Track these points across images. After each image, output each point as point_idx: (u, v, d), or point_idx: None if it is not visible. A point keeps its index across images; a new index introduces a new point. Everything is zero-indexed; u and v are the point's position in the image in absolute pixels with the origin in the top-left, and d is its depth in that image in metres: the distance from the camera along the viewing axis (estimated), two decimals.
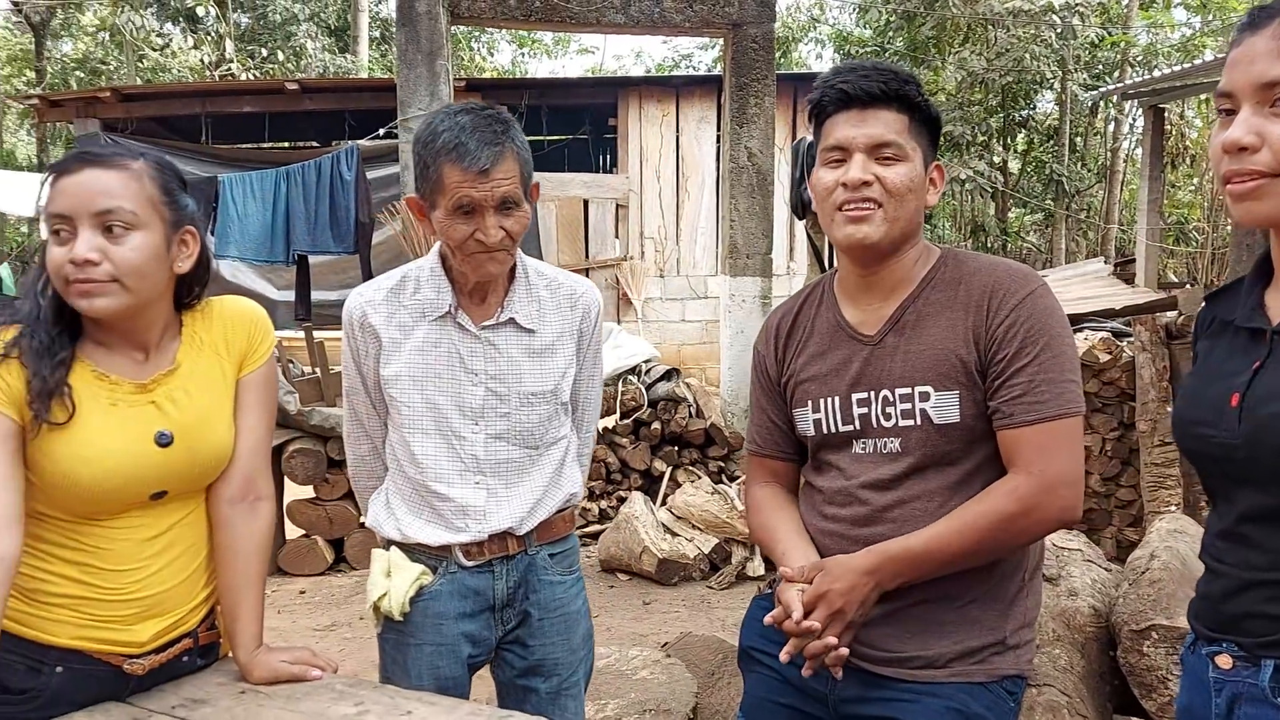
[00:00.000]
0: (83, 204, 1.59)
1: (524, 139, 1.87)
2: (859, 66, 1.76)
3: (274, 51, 19.20)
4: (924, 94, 1.77)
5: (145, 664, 1.73)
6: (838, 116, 1.74)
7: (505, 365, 1.95)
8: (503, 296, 1.96)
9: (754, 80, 6.08)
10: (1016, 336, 1.67)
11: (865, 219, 1.71)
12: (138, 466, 1.65)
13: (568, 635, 2.05)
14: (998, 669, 1.71)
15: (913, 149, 1.74)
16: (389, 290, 1.98)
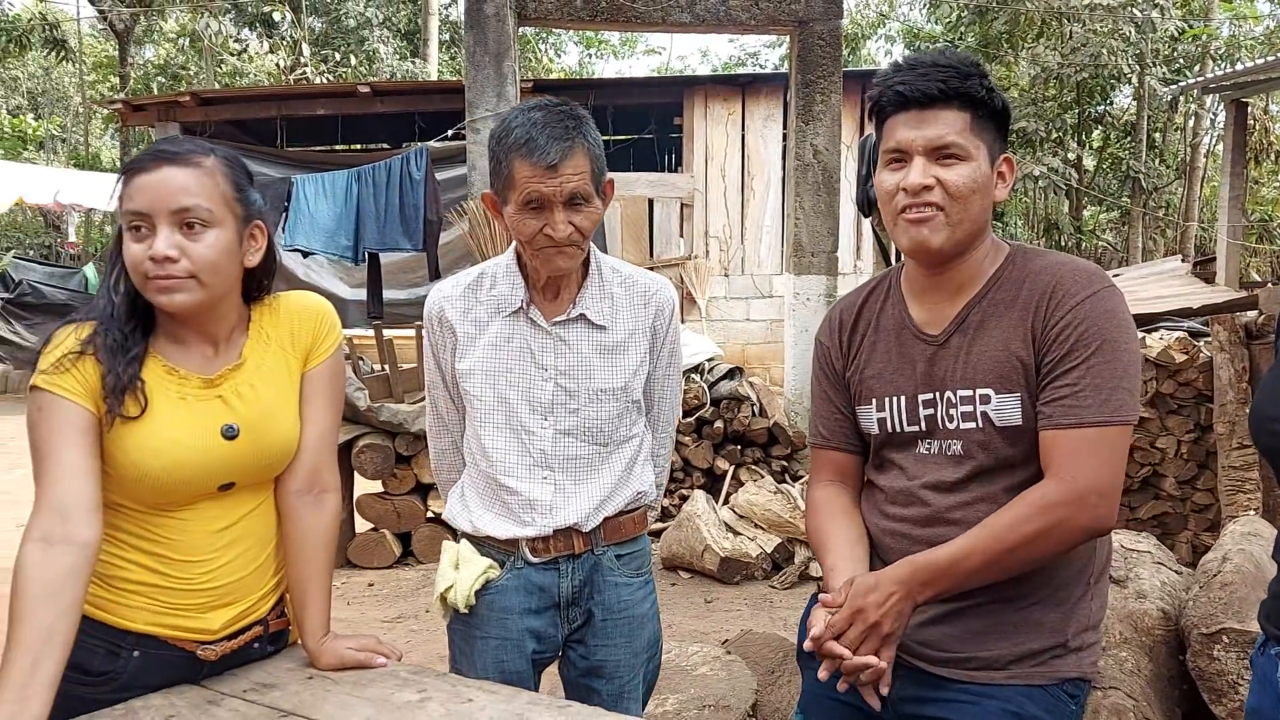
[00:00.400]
0: (161, 202, 1.62)
1: (597, 135, 1.87)
2: (918, 63, 1.71)
3: (346, 55, 19.55)
4: (989, 86, 1.70)
5: (217, 650, 1.78)
6: (897, 117, 1.70)
7: (575, 361, 1.96)
8: (575, 293, 1.98)
9: (820, 77, 6.04)
10: (1070, 337, 1.63)
11: (926, 223, 1.67)
12: (205, 458, 1.70)
13: (631, 638, 2.05)
14: (1058, 671, 1.69)
15: (975, 147, 1.68)
16: (466, 286, 2.01)
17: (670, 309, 2.07)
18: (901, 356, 1.81)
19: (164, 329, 1.75)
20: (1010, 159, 1.75)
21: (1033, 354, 1.67)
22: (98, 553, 1.63)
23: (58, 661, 1.54)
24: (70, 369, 1.63)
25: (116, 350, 1.65)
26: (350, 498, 5.66)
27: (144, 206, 1.62)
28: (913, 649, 1.74)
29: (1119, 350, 1.62)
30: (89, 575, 1.62)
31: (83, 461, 1.63)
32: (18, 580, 1.57)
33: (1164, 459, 5.06)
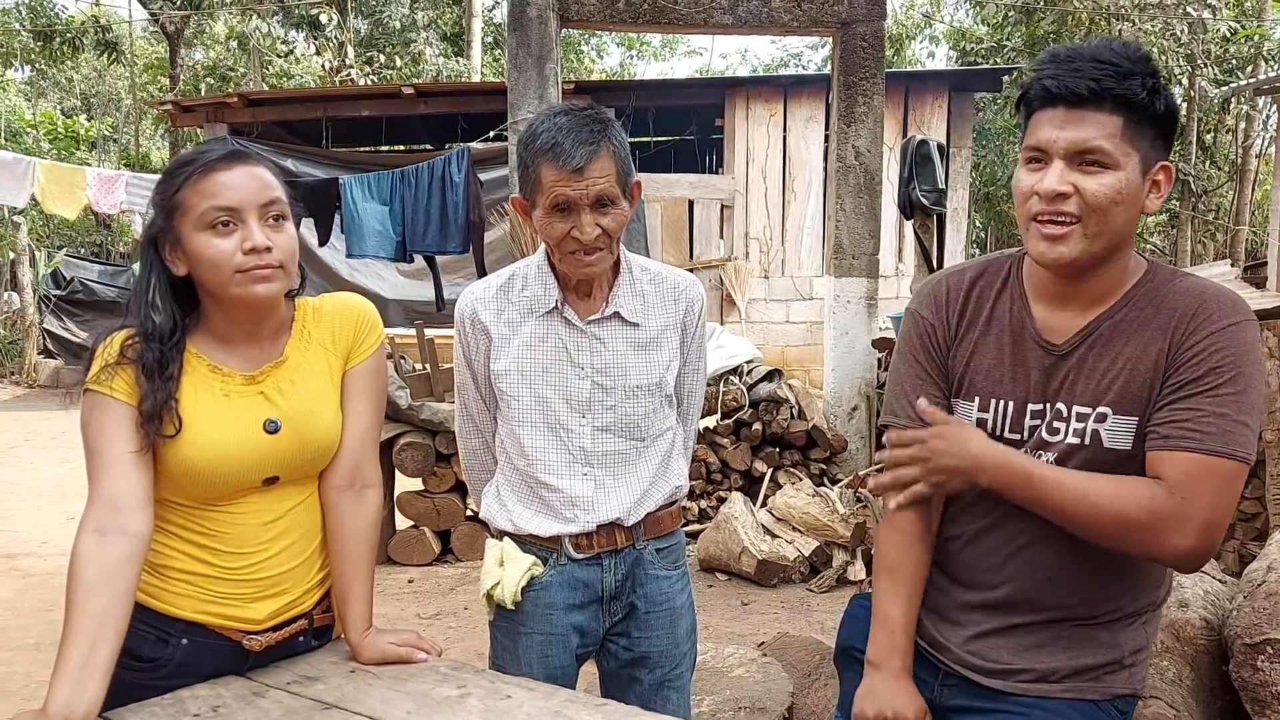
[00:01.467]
0: (252, 196, 1.67)
1: (623, 138, 1.91)
2: (1074, 56, 1.54)
3: (392, 57, 19.74)
4: (1154, 86, 1.53)
5: (263, 640, 1.82)
6: (1042, 114, 1.56)
7: (611, 358, 1.99)
8: (608, 291, 2.01)
9: (863, 79, 6.02)
10: (1206, 362, 1.53)
11: (1062, 238, 1.55)
12: (248, 452, 1.75)
13: (672, 628, 2.10)
14: (1111, 687, 1.67)
15: (1125, 155, 1.53)
16: (498, 288, 2.05)
17: (699, 305, 2.10)
18: (1016, 359, 1.70)
19: (209, 327, 1.78)
20: (1169, 167, 1.58)
21: (1161, 375, 1.57)
22: (149, 543, 1.69)
23: (113, 647, 1.59)
24: (117, 372, 1.68)
25: (154, 372, 1.69)
26: (391, 495, 5.73)
27: (234, 202, 1.66)
28: (966, 660, 1.74)
29: (1251, 386, 1.53)
30: (141, 564, 1.67)
31: (133, 458, 1.68)
32: (74, 569, 1.62)
33: None
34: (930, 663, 1.80)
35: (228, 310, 1.76)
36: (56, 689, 1.52)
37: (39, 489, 7.98)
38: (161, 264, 1.73)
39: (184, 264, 1.72)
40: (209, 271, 1.69)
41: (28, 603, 5.21)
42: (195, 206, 1.67)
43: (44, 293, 14.75)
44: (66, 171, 8.31)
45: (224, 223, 1.66)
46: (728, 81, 14.19)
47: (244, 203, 1.67)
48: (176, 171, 1.71)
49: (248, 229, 1.67)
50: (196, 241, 1.67)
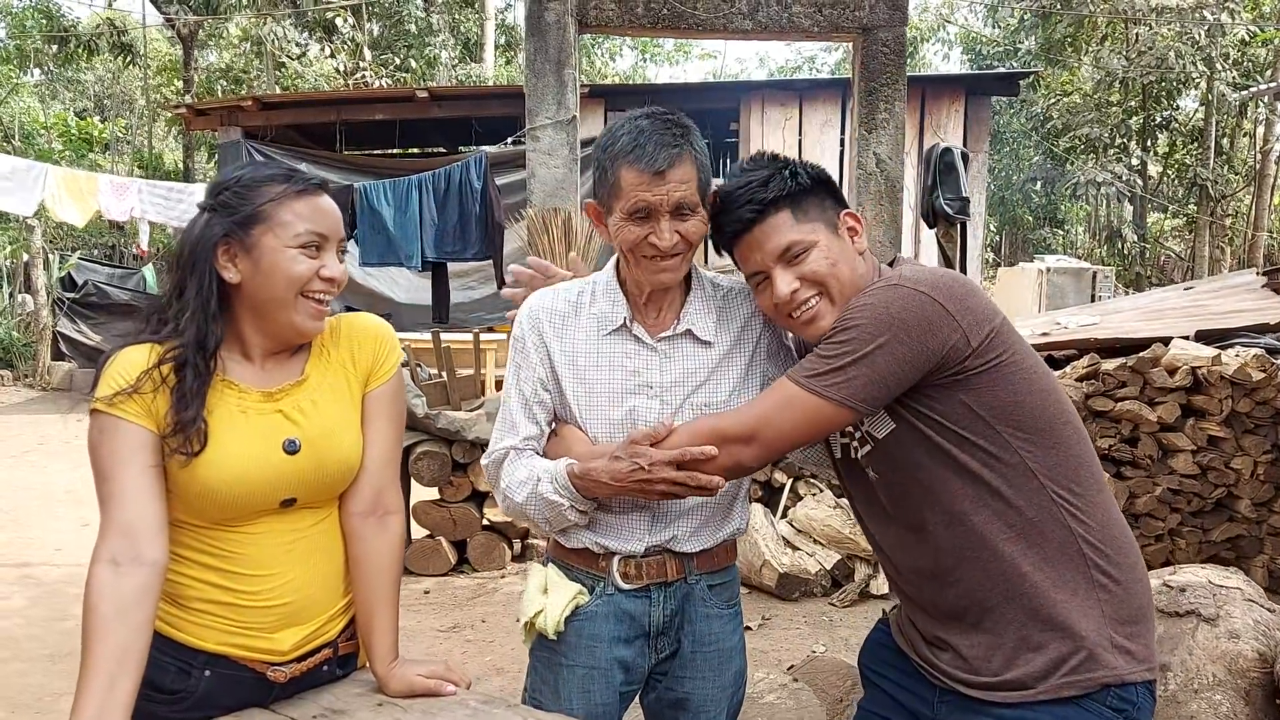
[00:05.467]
0: (335, 228, 1.76)
1: (703, 145, 1.83)
2: (730, 199, 1.82)
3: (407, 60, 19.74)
4: (791, 170, 1.82)
5: (287, 672, 1.77)
6: (742, 245, 1.83)
7: (680, 377, 1.90)
8: (679, 308, 1.93)
9: (884, 85, 5.94)
10: None
11: (814, 319, 1.79)
12: (267, 472, 1.70)
13: (719, 672, 1.99)
14: (1094, 678, 1.65)
15: (812, 231, 1.79)
16: (566, 300, 1.96)
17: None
18: None
19: (231, 342, 1.75)
20: (852, 213, 1.87)
21: None
22: (165, 571, 1.64)
23: (133, 681, 1.55)
24: (133, 394, 1.63)
25: (196, 387, 1.65)
26: (407, 505, 5.68)
27: (326, 229, 1.73)
28: (952, 674, 1.77)
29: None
30: (159, 594, 1.62)
31: (147, 482, 1.64)
32: (90, 601, 1.57)
33: (1239, 480, 4.90)
34: (926, 680, 1.85)
35: (264, 325, 1.73)
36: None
37: (52, 494, 7.96)
38: (213, 271, 1.69)
39: (241, 273, 1.69)
40: (280, 287, 1.69)
41: (41, 612, 5.18)
42: (289, 224, 1.68)
43: (57, 296, 14.77)
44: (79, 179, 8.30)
45: (315, 246, 1.71)
46: (743, 85, 14.14)
47: (331, 232, 1.74)
48: (263, 183, 1.70)
49: (328, 257, 1.73)
50: (281, 257, 1.68)
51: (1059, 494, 1.71)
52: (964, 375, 1.69)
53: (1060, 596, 1.68)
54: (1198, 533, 4.96)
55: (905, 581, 1.88)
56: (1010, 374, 1.71)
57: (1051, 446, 1.72)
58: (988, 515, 1.71)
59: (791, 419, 1.72)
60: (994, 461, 1.71)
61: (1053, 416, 1.73)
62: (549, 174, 5.89)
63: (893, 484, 1.81)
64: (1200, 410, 4.88)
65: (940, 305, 1.66)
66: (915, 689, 1.88)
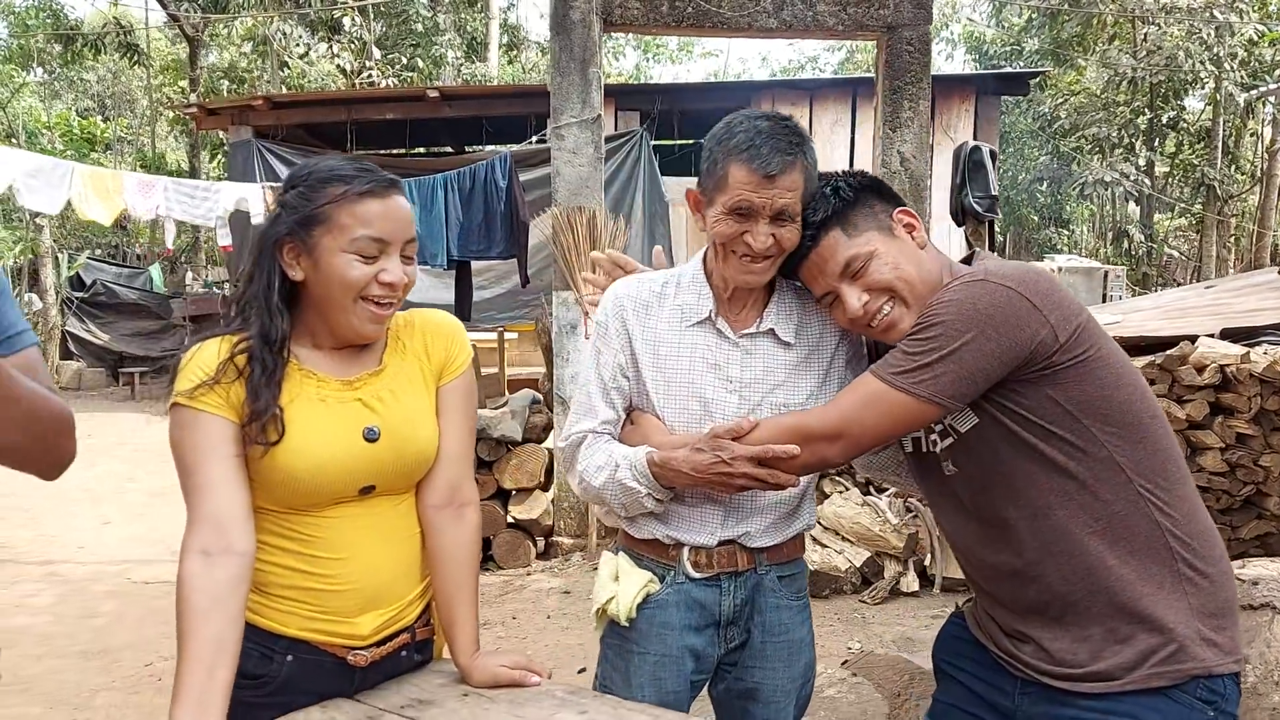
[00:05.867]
0: (400, 231, 1.71)
1: (815, 157, 1.85)
2: None
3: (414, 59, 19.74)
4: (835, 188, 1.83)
5: (368, 655, 1.78)
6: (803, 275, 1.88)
7: (761, 374, 1.92)
8: (761, 307, 1.94)
9: (908, 84, 5.95)
10: None
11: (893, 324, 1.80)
12: (347, 460, 1.71)
13: (789, 663, 2.00)
14: (1184, 670, 1.65)
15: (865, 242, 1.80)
16: (650, 290, 1.98)
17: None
18: None
19: (305, 332, 1.76)
20: (906, 209, 1.86)
21: None
22: (254, 560, 1.65)
23: (229, 670, 1.56)
24: (213, 386, 1.64)
25: (265, 379, 1.66)
26: None
27: (385, 234, 1.69)
28: (1036, 665, 1.76)
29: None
30: (249, 582, 1.63)
31: (232, 473, 1.65)
32: (183, 593, 1.58)
33: (1268, 478, 4.91)
34: (1007, 672, 1.84)
35: (326, 323, 1.74)
36: (180, 717, 1.48)
37: (68, 493, 7.95)
38: (278, 267, 1.71)
39: (304, 271, 1.70)
40: (337, 290, 1.68)
41: (71, 609, 5.18)
42: (347, 227, 1.66)
43: (66, 295, 14.78)
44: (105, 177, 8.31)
45: (374, 250, 1.68)
46: (753, 85, 14.17)
47: (393, 236, 1.69)
48: (328, 182, 1.69)
49: (389, 261, 1.70)
50: (337, 260, 1.67)
51: (1145, 488, 1.70)
52: (1051, 370, 1.69)
53: (1147, 590, 1.68)
54: (1226, 530, 4.97)
55: (983, 576, 1.88)
56: (1097, 368, 1.70)
57: (1138, 440, 1.71)
58: (1073, 509, 1.71)
59: (878, 415, 1.73)
60: (1080, 455, 1.70)
61: (1139, 410, 1.73)
62: (574, 172, 5.90)
63: (973, 478, 1.81)
64: (1229, 408, 4.89)
65: (1027, 300, 1.66)
66: (994, 680, 1.88)
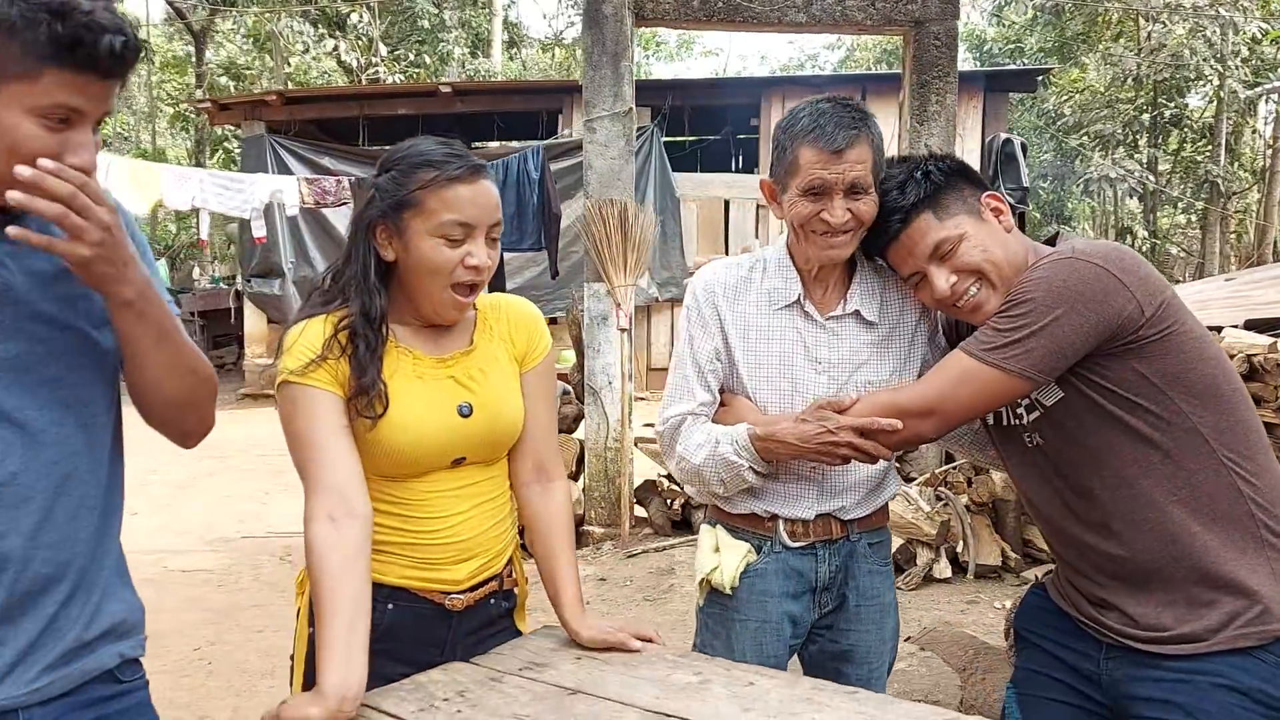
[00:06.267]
0: (486, 215, 1.76)
1: (880, 130, 1.93)
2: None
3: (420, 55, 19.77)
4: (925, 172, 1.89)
5: (463, 600, 1.87)
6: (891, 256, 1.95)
7: (848, 354, 2.00)
8: (844, 289, 2.02)
9: (936, 78, 6.02)
10: None
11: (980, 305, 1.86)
12: (443, 433, 1.80)
13: (880, 625, 2.09)
14: (1270, 630, 1.70)
15: (955, 225, 1.86)
16: (738, 273, 2.06)
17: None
18: None
19: (399, 311, 1.83)
20: (995, 194, 1.94)
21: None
22: (373, 523, 1.73)
23: (366, 624, 1.63)
24: (321, 363, 1.72)
25: (369, 355, 1.74)
26: None
27: (472, 218, 1.74)
28: (1121, 630, 1.81)
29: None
30: (370, 542, 1.71)
31: (346, 444, 1.72)
32: (316, 557, 1.65)
33: None
34: (1094, 638, 1.89)
35: (416, 303, 1.81)
36: (329, 671, 1.56)
37: None
38: (372, 247, 1.78)
39: (396, 253, 1.78)
40: (425, 273, 1.75)
41: None
42: (436, 212, 1.72)
43: None
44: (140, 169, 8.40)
45: (461, 234, 1.74)
46: (763, 81, 14.24)
47: (480, 220, 1.75)
48: (419, 167, 1.75)
49: (475, 245, 1.76)
50: (425, 244, 1.74)
51: (1229, 457, 1.76)
52: (1137, 344, 1.74)
53: (1230, 555, 1.74)
54: None
55: (1067, 546, 1.93)
56: (1181, 342, 1.76)
57: (1221, 411, 1.77)
58: (1157, 478, 1.77)
59: (971, 391, 1.79)
60: (1164, 425, 1.76)
61: (1220, 383, 1.79)
62: (605, 165, 5.96)
63: (1059, 450, 1.86)
64: (1256, 397, 4.97)
65: (1115, 276, 1.72)
66: (1079, 646, 1.93)
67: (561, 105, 12.67)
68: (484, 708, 1.66)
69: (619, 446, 6.01)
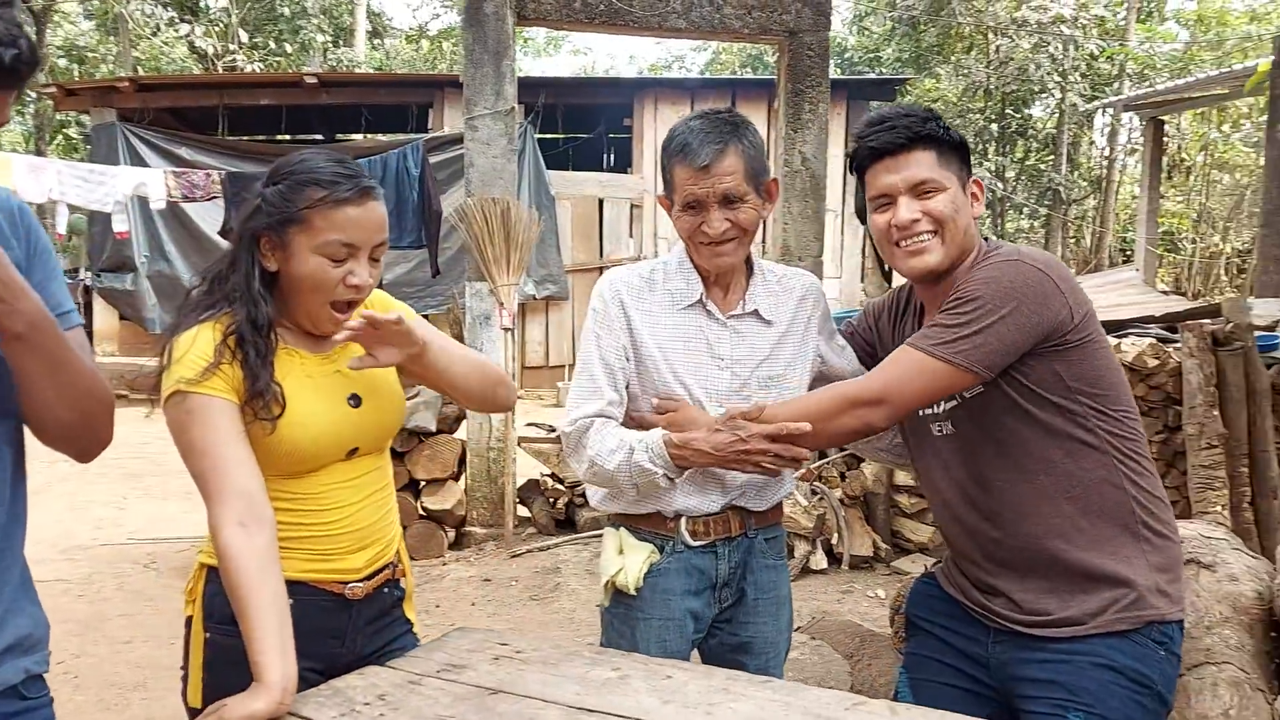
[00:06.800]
0: (371, 236, 1.81)
1: (755, 138, 2.02)
2: (882, 119, 1.97)
3: (281, 44, 19.15)
4: (945, 126, 1.96)
5: (362, 588, 1.92)
6: (875, 167, 1.96)
7: (748, 352, 2.10)
8: (744, 290, 2.11)
9: (809, 87, 6.22)
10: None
11: (922, 251, 1.93)
12: (339, 425, 1.85)
13: (777, 616, 2.19)
14: (1142, 616, 1.85)
15: (945, 178, 1.93)
16: (642, 277, 2.13)
17: (823, 302, 2.21)
18: None
19: (280, 316, 1.86)
20: (979, 181, 2.03)
21: None
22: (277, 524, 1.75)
23: (289, 621, 1.66)
24: (215, 370, 1.72)
25: (260, 361, 1.76)
26: None
27: (356, 239, 1.79)
28: (1006, 615, 1.94)
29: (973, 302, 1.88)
30: (278, 544, 1.73)
31: (246, 450, 1.74)
32: (234, 562, 1.65)
33: None
34: (982, 624, 2.02)
35: (295, 313, 1.86)
36: (269, 667, 1.58)
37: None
38: (256, 257, 1.81)
39: (279, 265, 1.81)
40: (306, 289, 1.80)
41: None
42: (321, 231, 1.76)
43: None
44: None
45: (344, 254, 1.78)
46: (637, 82, 14.36)
47: (364, 241, 1.80)
48: (307, 185, 1.77)
49: (358, 264, 1.80)
50: (309, 261, 1.77)
51: (1120, 458, 1.90)
52: (1063, 347, 1.86)
53: (1111, 548, 1.89)
54: None
55: (960, 534, 2.05)
56: (1095, 350, 1.90)
57: (1118, 416, 1.91)
58: (1056, 475, 1.90)
59: (921, 383, 1.88)
60: (1072, 427, 1.89)
61: (1121, 390, 1.94)
62: (487, 163, 5.94)
63: (968, 440, 1.98)
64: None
65: (1054, 282, 1.84)
66: (968, 631, 2.05)
67: (433, 99, 12.51)
68: (406, 710, 1.67)
69: (502, 446, 6.00)
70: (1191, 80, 13.77)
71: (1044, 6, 15.64)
